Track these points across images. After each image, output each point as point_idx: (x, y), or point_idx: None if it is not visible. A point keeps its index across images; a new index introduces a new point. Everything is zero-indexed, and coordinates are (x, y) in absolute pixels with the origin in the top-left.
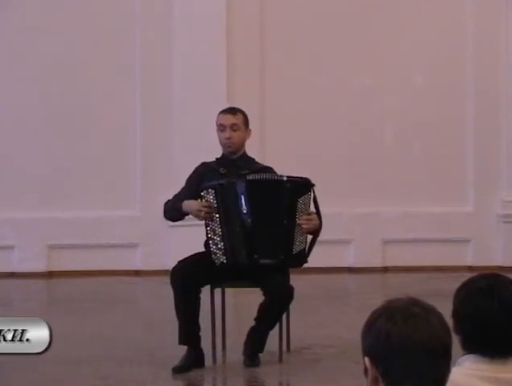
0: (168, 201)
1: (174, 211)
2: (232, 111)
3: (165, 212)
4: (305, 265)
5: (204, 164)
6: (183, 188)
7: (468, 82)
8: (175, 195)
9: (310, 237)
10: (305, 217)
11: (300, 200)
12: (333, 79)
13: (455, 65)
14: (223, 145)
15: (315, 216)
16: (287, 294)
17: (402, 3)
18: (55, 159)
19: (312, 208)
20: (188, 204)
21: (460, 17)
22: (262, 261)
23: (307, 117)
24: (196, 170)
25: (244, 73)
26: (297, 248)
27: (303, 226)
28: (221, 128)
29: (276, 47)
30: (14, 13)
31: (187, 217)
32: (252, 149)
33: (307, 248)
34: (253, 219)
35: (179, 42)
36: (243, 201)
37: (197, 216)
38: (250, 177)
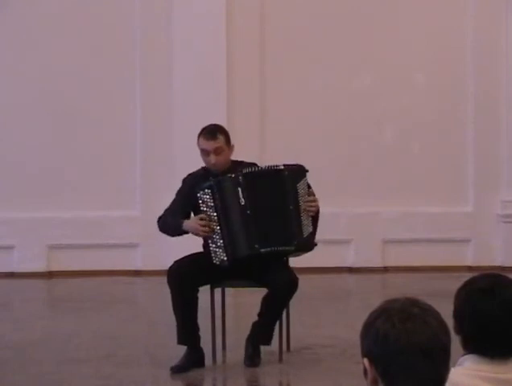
0: (161, 217)
1: (173, 229)
2: (212, 136)
3: (162, 229)
4: (305, 265)
5: (190, 175)
6: (174, 201)
7: (468, 82)
8: (167, 209)
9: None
10: (309, 199)
11: (299, 186)
12: (333, 79)
13: (455, 65)
14: (209, 167)
15: (316, 198)
16: (292, 284)
17: (402, 3)
18: (55, 159)
19: None
20: (188, 224)
21: (460, 17)
22: (263, 250)
23: (307, 117)
24: (185, 181)
25: (244, 73)
26: (306, 231)
27: (310, 208)
28: (204, 152)
29: (276, 47)
30: (14, 13)
31: None
32: (252, 149)
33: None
34: (253, 210)
35: (179, 41)
36: (240, 193)
37: (197, 235)
38: (246, 170)
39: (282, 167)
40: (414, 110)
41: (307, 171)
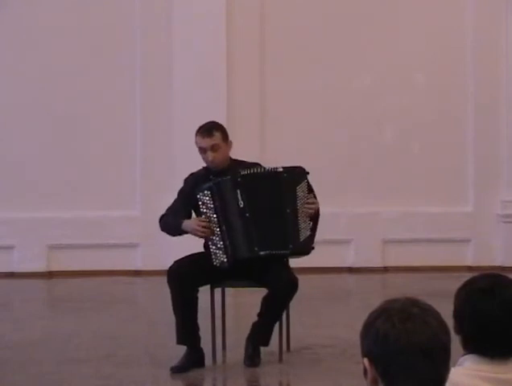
0: (163, 216)
1: (173, 228)
2: (209, 133)
3: (163, 228)
4: (305, 265)
5: (192, 174)
6: (175, 201)
7: (468, 82)
8: (169, 208)
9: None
10: (309, 201)
11: (299, 188)
12: (333, 79)
13: (455, 65)
14: (207, 164)
15: (316, 200)
16: (292, 284)
17: (402, 3)
18: (55, 159)
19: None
20: (187, 224)
21: (460, 17)
22: (262, 253)
23: (307, 117)
24: (186, 180)
25: (244, 73)
26: (303, 235)
27: (309, 210)
28: (202, 150)
29: (276, 47)
30: (14, 13)
31: None
32: (252, 149)
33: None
34: (252, 212)
35: (179, 41)
36: (239, 196)
37: (195, 235)
38: (244, 172)
39: (281, 169)
40: (414, 110)
41: (307, 173)
